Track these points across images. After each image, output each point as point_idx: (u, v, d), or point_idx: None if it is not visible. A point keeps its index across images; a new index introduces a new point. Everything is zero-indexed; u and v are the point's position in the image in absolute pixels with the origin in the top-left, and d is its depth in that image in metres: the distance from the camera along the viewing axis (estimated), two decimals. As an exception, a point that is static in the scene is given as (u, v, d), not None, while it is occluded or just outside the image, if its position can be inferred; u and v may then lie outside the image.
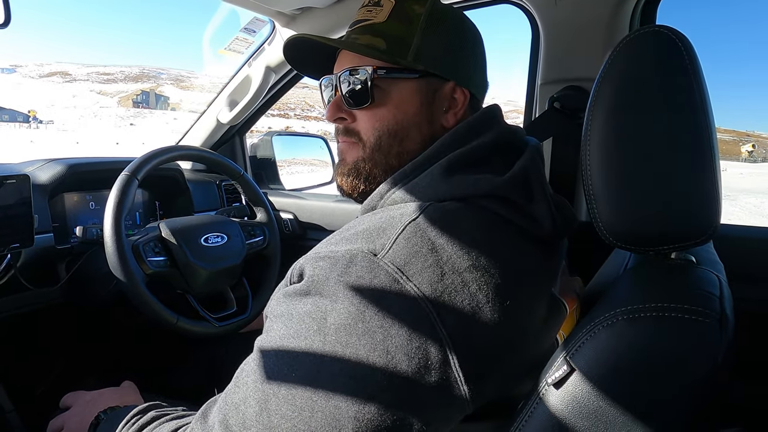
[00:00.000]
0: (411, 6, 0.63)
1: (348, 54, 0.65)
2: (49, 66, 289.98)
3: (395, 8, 0.63)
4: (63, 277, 1.12)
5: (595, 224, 0.53)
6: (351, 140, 0.66)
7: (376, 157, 0.64)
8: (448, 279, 0.47)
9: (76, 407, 0.83)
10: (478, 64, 0.68)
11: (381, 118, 0.63)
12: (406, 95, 0.63)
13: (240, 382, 0.51)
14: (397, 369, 0.45)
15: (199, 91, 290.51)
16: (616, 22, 0.96)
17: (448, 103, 0.64)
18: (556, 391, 0.45)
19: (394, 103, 0.63)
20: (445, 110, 0.64)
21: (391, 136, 0.63)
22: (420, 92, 0.63)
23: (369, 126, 0.64)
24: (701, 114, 0.48)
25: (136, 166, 1.03)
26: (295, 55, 0.71)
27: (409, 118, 0.63)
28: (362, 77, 0.62)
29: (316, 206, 1.56)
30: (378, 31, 0.63)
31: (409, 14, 0.63)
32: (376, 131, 0.63)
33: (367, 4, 0.65)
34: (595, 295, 0.60)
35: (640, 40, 0.52)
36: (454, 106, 0.65)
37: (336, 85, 0.65)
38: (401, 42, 0.62)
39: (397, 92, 0.63)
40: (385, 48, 0.62)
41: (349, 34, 0.65)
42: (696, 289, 0.45)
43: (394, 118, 0.63)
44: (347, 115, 0.65)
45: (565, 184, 1.06)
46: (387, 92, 0.63)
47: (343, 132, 0.66)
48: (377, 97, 0.63)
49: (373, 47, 0.62)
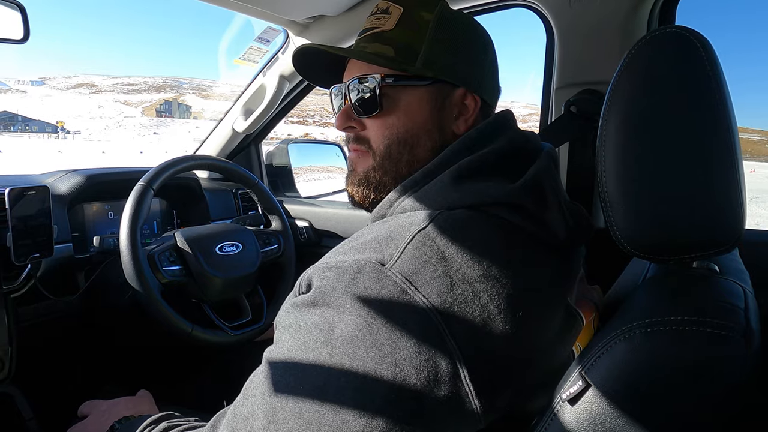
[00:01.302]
0: (419, 13, 0.63)
1: (356, 63, 0.65)
2: (76, 78, 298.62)
3: (403, 16, 0.63)
4: (82, 286, 1.14)
5: (612, 232, 0.51)
6: (361, 149, 0.65)
7: (386, 166, 0.63)
8: (457, 289, 0.46)
9: (92, 416, 0.84)
10: (488, 69, 0.67)
11: (390, 126, 0.63)
12: (416, 102, 0.62)
13: (248, 394, 0.50)
14: (405, 382, 0.44)
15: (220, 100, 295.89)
16: (633, 24, 0.94)
17: (458, 110, 0.64)
18: (571, 408, 0.43)
19: (403, 111, 0.62)
20: (455, 117, 0.63)
21: (401, 144, 0.62)
22: (430, 99, 0.62)
23: (378, 134, 0.63)
24: (722, 117, 0.46)
25: (152, 176, 1.04)
26: (305, 64, 0.72)
27: (419, 126, 0.62)
28: (371, 85, 0.62)
29: (331, 213, 1.55)
30: (386, 39, 0.62)
31: (417, 21, 0.62)
32: (385, 139, 0.63)
33: (375, 13, 0.65)
34: (614, 305, 0.58)
35: (657, 41, 0.50)
36: (465, 113, 0.64)
37: (345, 93, 0.65)
38: (410, 49, 0.62)
39: (407, 100, 0.62)
40: (394, 56, 0.61)
41: (358, 42, 0.65)
42: (718, 301, 0.43)
43: (404, 126, 0.62)
44: (357, 124, 0.65)
45: (582, 189, 1.03)
46: (396, 100, 0.62)
47: (353, 140, 0.66)
48: (386, 105, 0.62)
49: (381, 55, 0.62)
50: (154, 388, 0.95)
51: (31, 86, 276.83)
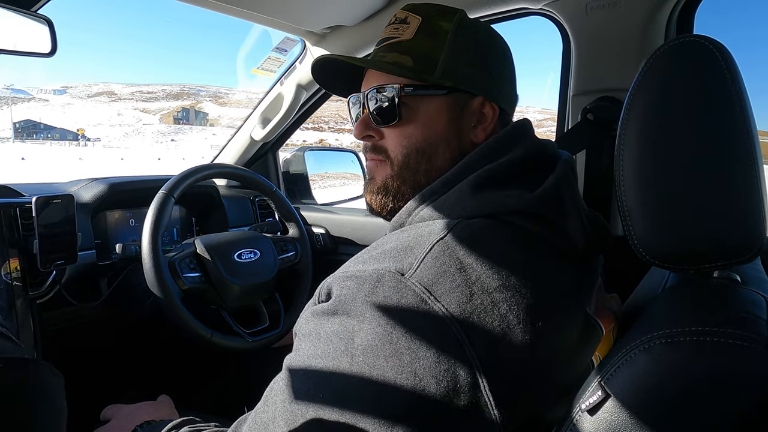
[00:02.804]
0: (438, 22, 0.63)
1: (375, 72, 0.65)
2: (97, 86, 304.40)
3: (422, 25, 0.63)
4: (105, 292, 1.16)
5: (630, 241, 0.51)
6: (379, 158, 0.66)
7: (404, 175, 0.63)
8: (477, 299, 0.46)
9: (115, 420, 0.86)
10: (507, 77, 0.67)
11: (409, 135, 0.63)
12: (434, 112, 0.62)
13: (269, 401, 0.51)
14: (425, 392, 0.44)
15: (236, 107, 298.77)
16: (650, 31, 0.93)
17: (477, 119, 0.64)
18: (591, 418, 0.43)
19: (422, 121, 0.62)
20: (474, 126, 0.64)
21: (419, 154, 0.63)
22: (448, 108, 0.63)
23: (397, 144, 0.64)
24: (743, 126, 0.46)
25: (173, 184, 1.06)
26: (324, 74, 0.72)
27: (438, 135, 0.62)
28: (389, 95, 0.62)
29: (348, 220, 1.56)
30: (405, 48, 0.63)
31: (436, 30, 0.63)
32: (404, 149, 0.63)
33: (393, 22, 0.65)
34: (633, 314, 0.57)
35: (676, 49, 0.50)
36: (483, 122, 0.64)
37: (363, 103, 0.66)
38: (428, 59, 0.62)
39: (425, 109, 0.62)
40: (412, 65, 0.62)
41: (377, 52, 0.66)
42: (740, 311, 0.43)
43: (422, 136, 0.62)
44: (375, 133, 0.65)
45: (600, 197, 1.03)
46: (415, 109, 0.62)
47: (371, 150, 0.66)
48: (405, 115, 0.62)
49: (400, 65, 0.62)
50: (174, 393, 0.96)
51: (53, 95, 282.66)
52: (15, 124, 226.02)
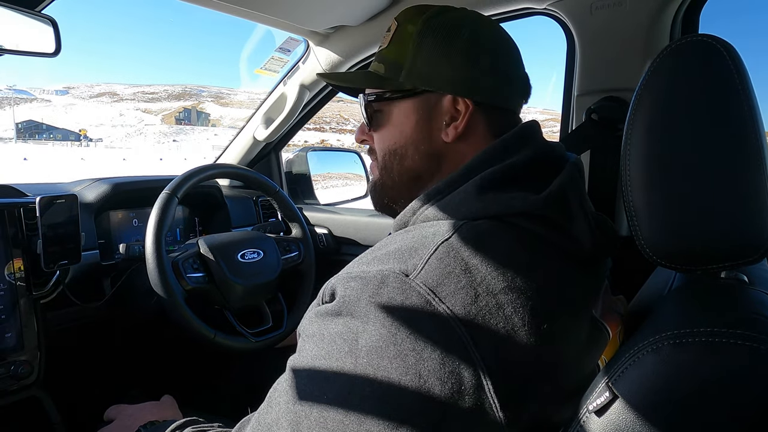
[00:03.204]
0: (406, 27, 0.64)
1: None
2: (99, 87, 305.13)
3: (396, 32, 0.65)
4: (108, 292, 1.16)
5: (637, 242, 0.51)
6: (373, 158, 0.70)
7: (384, 176, 0.67)
8: (482, 301, 0.46)
9: (118, 420, 0.86)
10: (484, 69, 0.62)
11: (384, 139, 0.66)
12: (403, 115, 0.64)
13: (273, 402, 0.51)
14: (429, 393, 0.44)
15: (238, 107, 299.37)
16: (655, 31, 0.93)
17: (450, 116, 0.62)
18: (598, 419, 0.43)
19: (393, 124, 0.65)
20: (446, 124, 0.62)
21: (392, 156, 0.66)
22: (415, 110, 0.63)
23: (379, 147, 0.68)
24: (750, 125, 0.46)
25: (176, 184, 1.06)
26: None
27: (406, 138, 0.64)
28: (366, 102, 0.67)
29: (350, 221, 1.56)
30: (382, 56, 0.66)
31: (404, 36, 0.64)
32: (381, 151, 0.67)
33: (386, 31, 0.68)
34: (639, 315, 0.57)
35: (682, 49, 0.49)
36: (455, 119, 0.62)
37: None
38: (395, 64, 0.64)
39: (396, 113, 0.65)
40: (383, 73, 0.65)
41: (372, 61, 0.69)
42: (749, 312, 0.42)
43: (392, 139, 0.65)
44: (368, 137, 0.69)
45: (604, 197, 1.02)
46: (388, 114, 0.65)
47: (368, 152, 0.71)
48: (381, 120, 0.66)
49: (373, 74, 0.66)
50: (178, 394, 0.96)
51: (55, 95, 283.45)
52: (17, 125, 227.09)
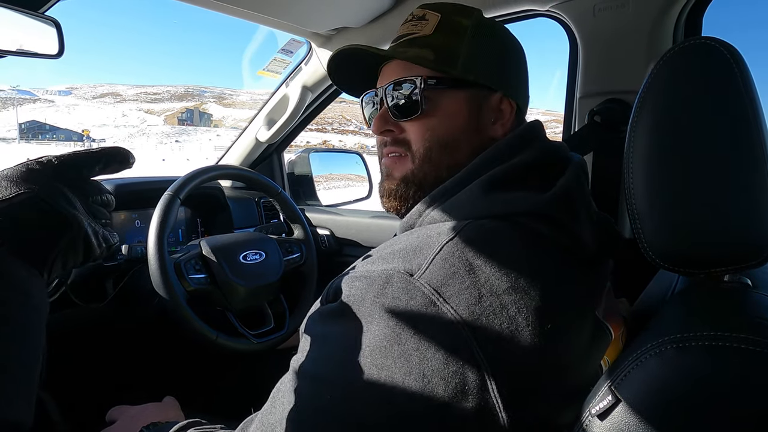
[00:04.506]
0: (457, 19, 0.64)
1: (395, 66, 0.65)
2: (102, 87, 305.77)
3: (441, 21, 0.64)
4: (110, 293, 1.16)
5: (640, 244, 0.51)
6: (400, 151, 0.65)
7: (425, 169, 0.63)
8: (485, 301, 0.46)
9: (120, 421, 0.86)
10: (522, 76, 0.68)
11: (431, 128, 0.63)
12: (456, 105, 0.63)
13: (276, 402, 0.51)
14: (433, 394, 0.44)
15: (241, 108, 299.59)
16: (658, 33, 0.93)
17: (495, 115, 0.64)
18: (601, 423, 0.43)
19: (444, 113, 0.63)
20: (492, 121, 0.64)
21: (442, 147, 0.63)
22: (469, 102, 0.63)
23: (419, 137, 0.63)
24: (754, 128, 0.45)
25: (179, 185, 1.06)
26: (338, 70, 0.72)
27: (459, 129, 0.63)
28: (411, 87, 0.62)
29: (352, 222, 1.56)
30: (425, 43, 0.63)
31: (456, 26, 0.63)
32: (426, 141, 0.63)
33: (411, 20, 0.66)
34: (642, 318, 0.57)
35: (686, 52, 0.49)
36: (501, 118, 0.64)
37: (382, 97, 0.66)
38: (450, 52, 0.62)
39: (447, 102, 0.63)
40: (434, 58, 0.62)
41: (395, 47, 0.66)
42: (753, 316, 0.42)
43: (444, 129, 0.63)
44: (394, 127, 0.65)
45: (607, 199, 1.02)
46: (437, 102, 0.63)
47: (391, 143, 0.66)
48: (427, 108, 0.62)
49: (422, 58, 0.62)
50: (180, 395, 0.96)
51: (58, 96, 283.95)
52: (20, 125, 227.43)
